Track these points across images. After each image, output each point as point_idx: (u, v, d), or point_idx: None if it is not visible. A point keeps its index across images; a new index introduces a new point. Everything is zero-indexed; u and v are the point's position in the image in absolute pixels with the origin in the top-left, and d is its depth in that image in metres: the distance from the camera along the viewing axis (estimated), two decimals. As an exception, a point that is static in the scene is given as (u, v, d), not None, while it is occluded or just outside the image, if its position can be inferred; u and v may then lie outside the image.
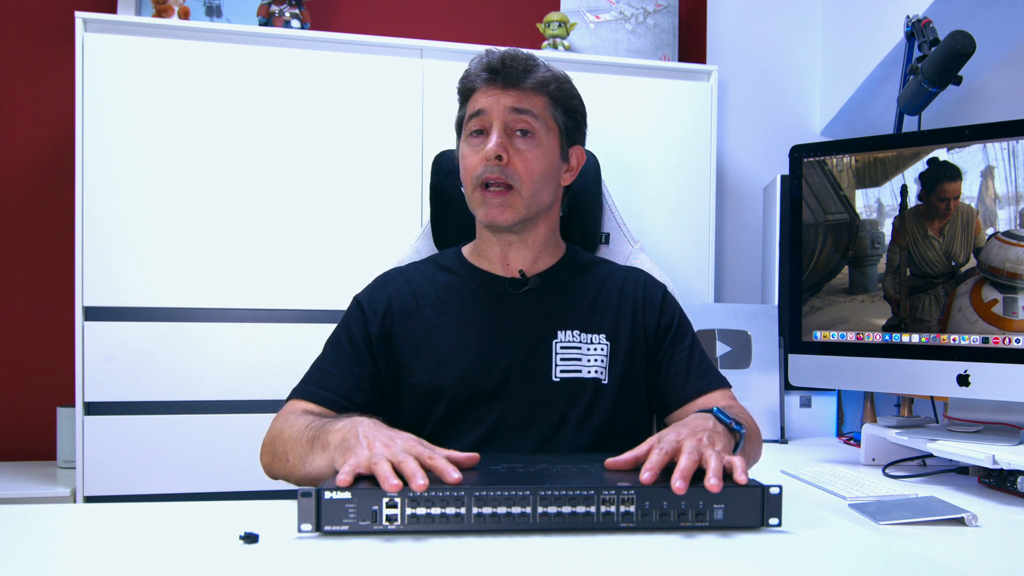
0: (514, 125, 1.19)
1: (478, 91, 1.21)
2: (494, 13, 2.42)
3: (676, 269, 2.13)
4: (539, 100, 1.21)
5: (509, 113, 1.19)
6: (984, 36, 1.67)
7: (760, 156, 2.48)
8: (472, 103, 1.22)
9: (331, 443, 0.96)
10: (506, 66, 1.19)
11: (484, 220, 1.21)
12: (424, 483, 0.81)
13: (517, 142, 1.19)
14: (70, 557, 0.80)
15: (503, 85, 1.19)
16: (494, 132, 1.18)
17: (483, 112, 1.19)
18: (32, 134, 2.16)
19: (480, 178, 1.18)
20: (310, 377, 1.20)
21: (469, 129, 1.22)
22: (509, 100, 1.19)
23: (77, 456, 1.82)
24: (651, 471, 0.86)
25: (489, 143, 1.17)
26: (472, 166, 1.20)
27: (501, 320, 1.22)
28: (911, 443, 1.40)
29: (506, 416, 1.18)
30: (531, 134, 1.20)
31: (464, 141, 1.24)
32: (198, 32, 1.94)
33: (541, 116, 1.21)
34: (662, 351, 1.25)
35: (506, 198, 1.18)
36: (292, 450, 1.04)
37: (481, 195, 1.19)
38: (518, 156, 1.18)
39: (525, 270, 1.26)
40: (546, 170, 1.21)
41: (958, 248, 1.43)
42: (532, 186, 1.19)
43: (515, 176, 1.18)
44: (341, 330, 1.24)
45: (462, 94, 1.26)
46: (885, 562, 0.81)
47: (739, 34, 2.49)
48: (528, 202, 1.20)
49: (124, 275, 1.86)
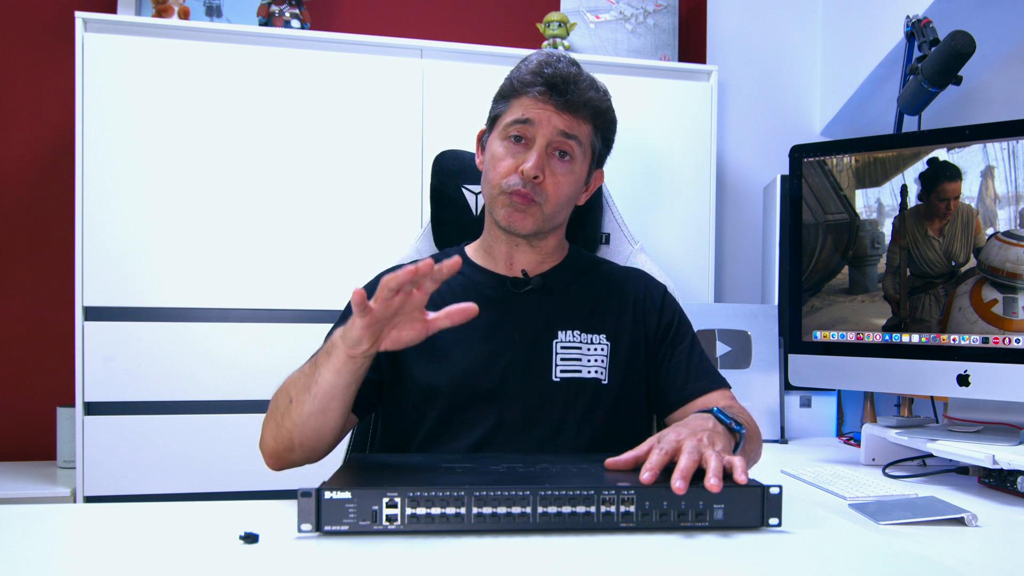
0: (556, 146, 1.18)
1: (528, 97, 1.18)
2: (494, 13, 2.42)
3: (676, 269, 2.13)
4: (586, 128, 1.21)
5: (556, 135, 1.17)
6: (984, 36, 1.67)
7: (760, 156, 2.48)
8: (520, 106, 1.19)
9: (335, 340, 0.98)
10: (569, 90, 1.17)
11: (503, 222, 1.20)
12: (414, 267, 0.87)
13: (554, 163, 1.19)
14: (70, 557, 0.80)
15: (558, 106, 1.17)
16: (536, 149, 1.17)
17: (531, 123, 1.17)
18: (32, 134, 2.16)
19: (510, 187, 1.18)
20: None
21: (510, 131, 1.19)
22: (561, 123, 1.17)
23: (77, 456, 1.82)
24: (651, 471, 0.86)
25: (529, 161, 1.16)
26: (504, 171, 1.18)
27: (502, 320, 1.22)
28: (911, 443, 1.40)
29: (506, 416, 1.18)
30: (570, 158, 1.19)
31: (499, 138, 1.21)
32: (198, 32, 1.94)
33: (584, 143, 1.21)
34: (662, 351, 1.25)
35: (529, 206, 1.18)
36: (294, 387, 1.05)
37: (507, 198, 1.18)
38: (552, 177, 1.18)
39: (529, 270, 1.26)
40: (572, 194, 1.22)
41: (958, 248, 1.43)
42: (556, 207, 1.20)
43: (543, 195, 1.18)
44: (340, 323, 1.24)
45: (508, 92, 1.22)
46: (885, 562, 0.81)
47: (739, 34, 2.49)
48: (547, 219, 1.20)
49: (124, 275, 1.86)
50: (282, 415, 1.06)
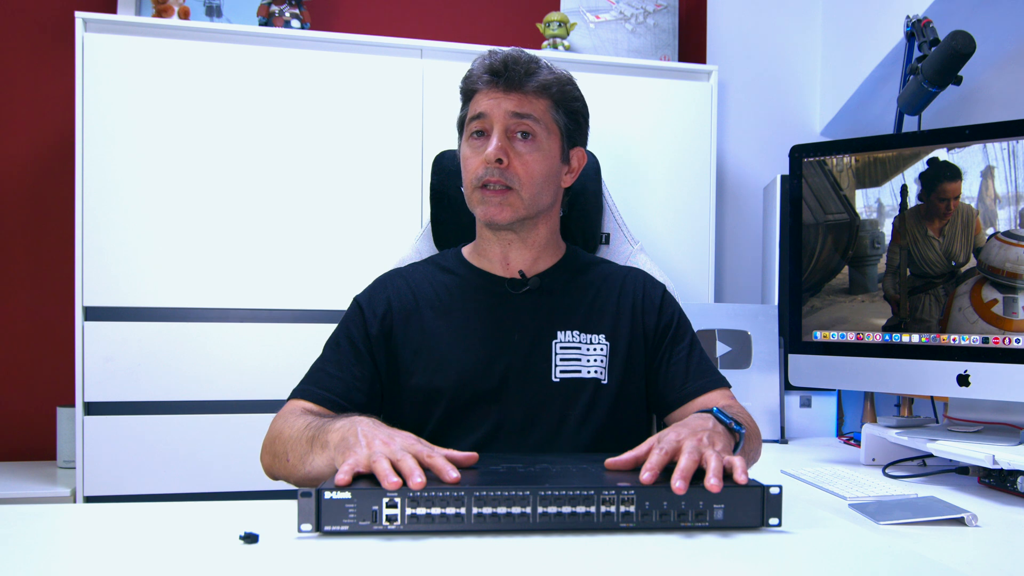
0: (515, 128, 1.19)
1: (480, 92, 1.21)
2: (494, 13, 2.42)
3: (676, 269, 2.13)
4: (540, 103, 1.21)
5: (510, 117, 1.19)
6: (984, 36, 1.67)
7: (760, 156, 2.48)
8: (474, 104, 1.22)
9: (331, 442, 0.96)
10: (508, 69, 1.19)
11: (482, 218, 1.21)
12: (422, 481, 0.81)
13: (517, 145, 1.19)
14: (70, 557, 0.80)
15: (504, 88, 1.19)
16: (494, 136, 1.18)
17: (484, 115, 1.20)
18: (32, 134, 2.16)
19: (480, 180, 1.19)
20: (310, 377, 1.20)
21: (470, 130, 1.22)
22: (510, 104, 1.19)
23: (77, 456, 1.82)
24: (651, 471, 0.86)
25: (489, 147, 1.17)
26: (473, 167, 1.20)
27: (501, 321, 1.22)
28: (911, 443, 1.40)
29: (506, 417, 1.18)
30: (532, 137, 1.20)
31: (465, 142, 1.24)
32: (198, 32, 1.94)
33: (542, 119, 1.21)
34: (661, 351, 1.25)
35: (504, 197, 1.19)
36: (292, 450, 1.04)
37: (480, 194, 1.20)
38: (518, 159, 1.19)
39: (525, 270, 1.26)
40: (546, 172, 1.22)
41: (958, 248, 1.43)
42: (532, 188, 1.20)
43: (515, 178, 1.18)
44: (340, 331, 1.24)
45: (464, 94, 1.26)
46: (885, 562, 0.81)
47: (739, 34, 2.49)
48: (528, 203, 1.20)
49: (124, 275, 1.86)
50: (279, 461, 1.07)
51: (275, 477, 1.10)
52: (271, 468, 1.10)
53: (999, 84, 2.09)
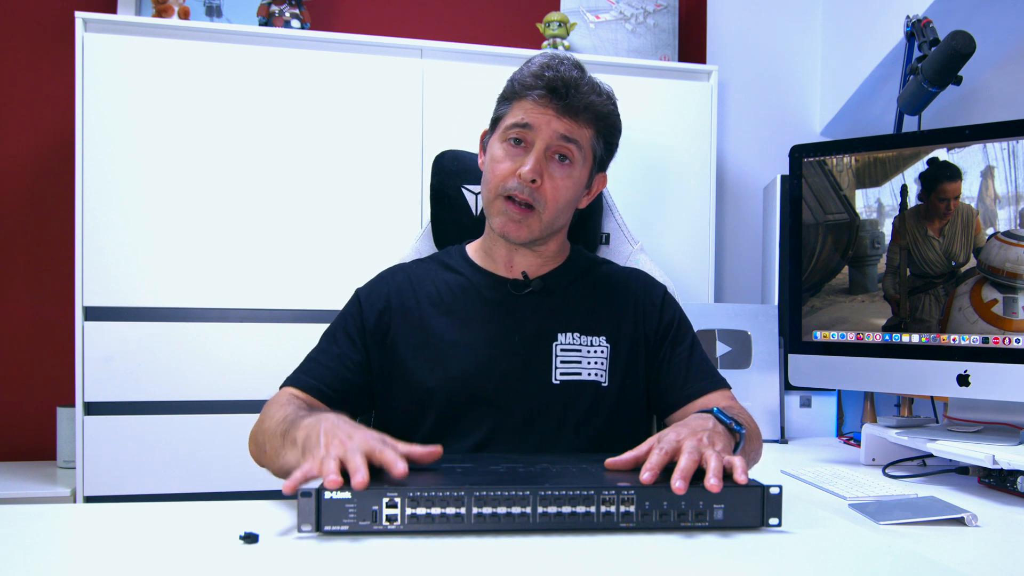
0: (556, 150, 1.17)
1: (528, 100, 1.17)
2: (494, 13, 2.42)
3: (676, 269, 2.13)
4: (587, 132, 1.19)
5: (556, 138, 1.16)
6: (984, 36, 1.67)
7: (760, 156, 2.48)
8: (520, 109, 1.18)
9: (298, 440, 0.96)
10: (569, 95, 1.15)
11: (498, 230, 1.19)
12: (363, 479, 0.81)
13: (553, 167, 1.17)
14: (70, 557, 0.80)
15: (558, 110, 1.16)
16: (534, 153, 1.16)
17: (531, 127, 1.16)
18: (32, 134, 2.16)
19: (507, 191, 1.17)
20: (303, 367, 1.21)
21: (509, 135, 1.18)
22: (561, 127, 1.16)
23: (77, 456, 1.82)
24: (651, 471, 0.86)
25: (527, 164, 1.15)
26: (502, 174, 1.17)
27: (502, 321, 1.22)
28: (911, 443, 1.40)
29: (505, 419, 1.18)
30: (569, 162, 1.18)
31: (499, 140, 1.20)
32: (198, 32, 1.94)
33: (584, 147, 1.19)
34: (662, 352, 1.25)
35: (525, 217, 1.17)
36: (269, 442, 1.04)
37: (503, 204, 1.17)
38: (551, 181, 1.17)
39: (530, 272, 1.25)
40: (572, 199, 1.21)
41: (958, 248, 1.43)
42: (554, 212, 1.19)
43: (541, 200, 1.17)
44: (337, 322, 1.25)
45: (509, 95, 1.21)
46: (885, 562, 0.81)
47: (739, 34, 2.49)
48: (545, 226, 1.19)
49: (124, 275, 1.86)
50: (261, 451, 1.08)
51: (261, 466, 1.10)
52: (257, 458, 1.10)
53: (999, 84, 2.09)
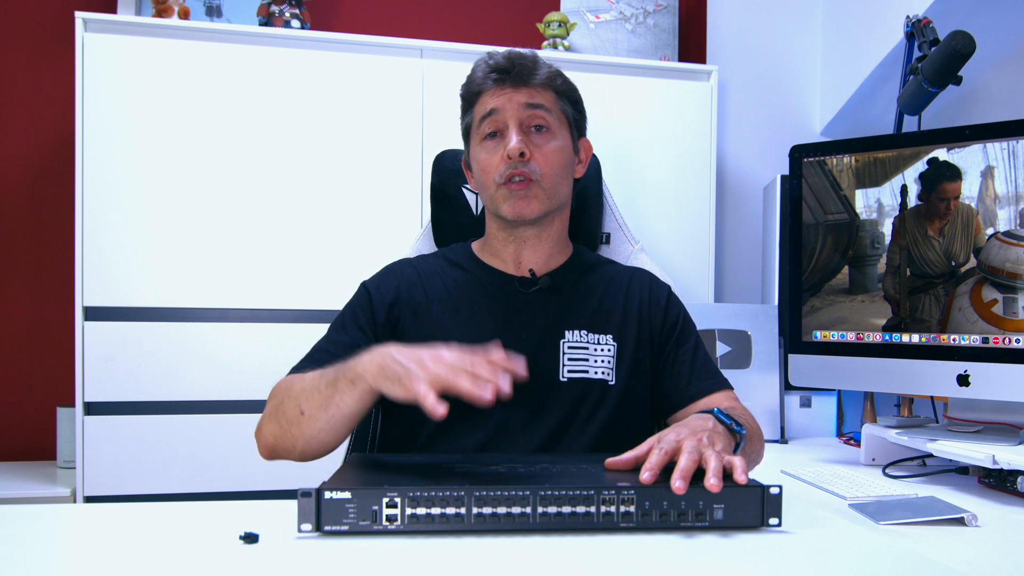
0: (529, 122, 1.20)
1: (486, 93, 1.21)
2: (494, 13, 2.42)
3: (676, 269, 2.13)
4: (548, 95, 1.22)
5: (524, 110, 1.19)
6: (984, 36, 1.67)
7: (760, 156, 2.48)
8: (481, 105, 1.21)
9: (365, 375, 0.95)
10: (514, 65, 1.19)
11: (510, 215, 1.20)
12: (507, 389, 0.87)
13: (535, 138, 1.20)
14: (70, 557, 0.79)
15: (513, 84, 1.19)
16: (512, 131, 1.18)
17: (496, 112, 1.19)
18: (32, 134, 2.16)
19: (503, 176, 1.18)
20: (311, 356, 1.19)
21: (483, 132, 1.21)
22: (522, 97, 1.19)
23: (77, 456, 1.82)
24: (651, 471, 0.86)
25: (510, 142, 1.17)
26: (492, 167, 1.19)
27: (510, 319, 1.22)
28: (911, 443, 1.40)
29: (511, 416, 1.17)
30: (546, 129, 1.21)
31: (478, 146, 1.22)
32: (198, 32, 1.94)
33: (553, 110, 1.22)
34: (666, 352, 1.25)
35: (529, 189, 1.18)
36: (307, 401, 1.03)
37: (506, 189, 1.19)
38: (538, 151, 1.19)
39: (536, 269, 1.25)
40: (565, 163, 1.23)
41: (958, 248, 1.43)
42: (553, 179, 1.20)
43: (537, 171, 1.19)
44: (346, 313, 1.24)
45: (467, 99, 1.25)
46: (885, 562, 0.81)
47: (739, 34, 2.49)
48: (550, 195, 1.21)
49: (124, 275, 1.86)
50: (289, 422, 1.05)
51: (278, 453, 1.08)
52: (277, 439, 1.07)
53: (999, 84, 2.09)
